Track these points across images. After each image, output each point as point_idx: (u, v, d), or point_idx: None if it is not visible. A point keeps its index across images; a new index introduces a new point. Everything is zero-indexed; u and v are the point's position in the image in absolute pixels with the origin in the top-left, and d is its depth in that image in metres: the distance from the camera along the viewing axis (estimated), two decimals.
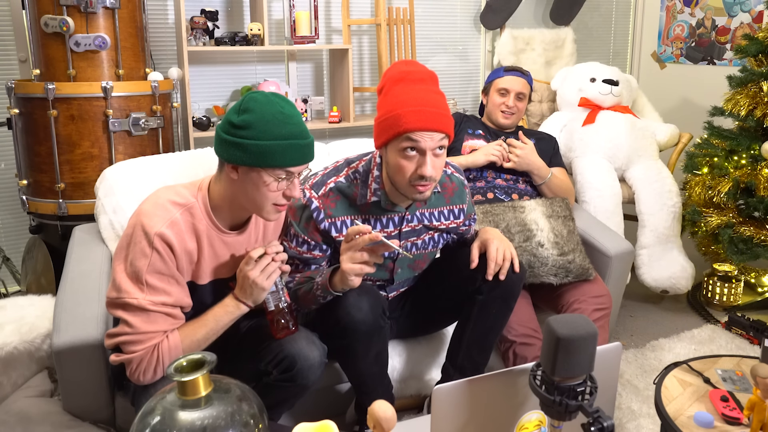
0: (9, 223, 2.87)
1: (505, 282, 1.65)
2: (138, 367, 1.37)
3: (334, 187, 1.60)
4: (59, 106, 2.26)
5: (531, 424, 1.10)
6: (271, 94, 1.38)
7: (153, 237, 1.34)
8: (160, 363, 1.37)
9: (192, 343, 1.41)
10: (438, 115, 1.46)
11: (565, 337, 0.96)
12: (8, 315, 1.90)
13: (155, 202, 1.40)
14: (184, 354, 1.36)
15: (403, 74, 1.51)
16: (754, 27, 3.51)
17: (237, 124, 1.34)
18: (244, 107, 1.35)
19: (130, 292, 1.34)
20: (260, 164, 1.34)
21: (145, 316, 1.35)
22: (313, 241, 1.61)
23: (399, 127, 1.45)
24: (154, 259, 1.34)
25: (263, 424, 1.03)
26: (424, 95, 1.48)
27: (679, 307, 2.84)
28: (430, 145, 1.47)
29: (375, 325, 1.53)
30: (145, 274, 1.34)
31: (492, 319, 1.71)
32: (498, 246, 1.65)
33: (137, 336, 1.35)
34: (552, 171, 2.34)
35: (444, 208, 1.73)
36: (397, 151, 1.49)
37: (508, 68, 2.47)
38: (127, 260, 1.36)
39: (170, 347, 1.38)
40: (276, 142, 1.33)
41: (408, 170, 1.49)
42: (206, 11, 2.82)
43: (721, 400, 1.52)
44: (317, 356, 1.48)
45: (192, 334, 1.42)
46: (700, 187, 2.74)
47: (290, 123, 1.35)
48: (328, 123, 3.09)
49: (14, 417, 1.64)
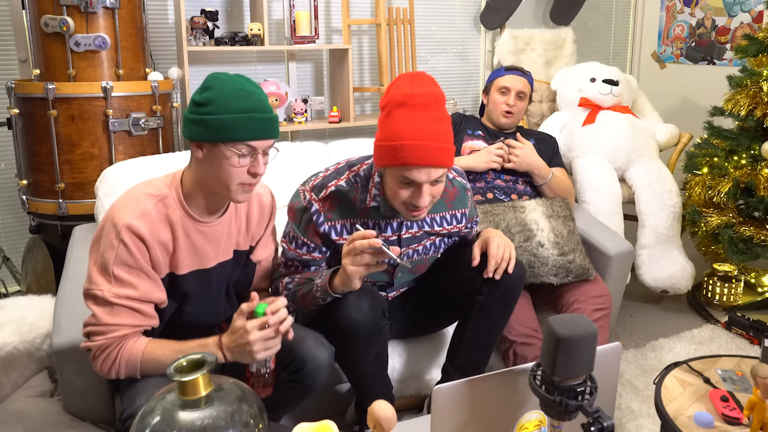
0: (9, 223, 2.87)
1: (506, 283, 1.65)
2: (98, 356, 1.38)
3: (335, 190, 1.59)
4: (59, 106, 2.26)
5: (531, 424, 1.10)
6: (235, 74, 1.40)
7: (121, 229, 1.34)
8: (116, 363, 1.37)
9: (153, 361, 1.38)
10: (437, 149, 1.41)
11: (565, 337, 0.96)
12: (8, 315, 1.90)
13: (129, 195, 1.40)
14: (140, 367, 1.38)
15: (406, 97, 1.42)
16: (754, 27, 3.51)
17: (199, 102, 1.36)
18: (205, 85, 1.37)
19: (98, 284, 1.35)
20: (221, 138, 1.34)
21: (108, 308, 1.36)
22: (313, 244, 1.61)
23: (397, 160, 1.41)
24: (121, 251, 1.34)
25: (263, 424, 1.03)
26: (426, 126, 1.41)
27: (679, 307, 2.84)
28: (426, 179, 1.44)
29: (375, 327, 1.53)
30: (113, 266, 1.35)
31: (492, 319, 1.71)
32: (499, 244, 1.64)
33: (100, 327, 1.36)
34: (552, 171, 2.34)
35: (446, 213, 1.72)
36: (393, 178, 1.47)
37: (509, 67, 2.47)
38: (98, 252, 1.37)
39: (130, 352, 1.37)
40: (236, 116, 1.34)
41: (403, 197, 1.47)
42: (206, 11, 2.81)
43: (721, 400, 1.52)
44: (326, 357, 1.48)
45: (158, 352, 1.39)
46: (700, 187, 2.73)
47: (251, 98, 1.36)
48: (328, 123, 3.09)
49: (14, 417, 1.64)
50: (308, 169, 1.97)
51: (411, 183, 1.45)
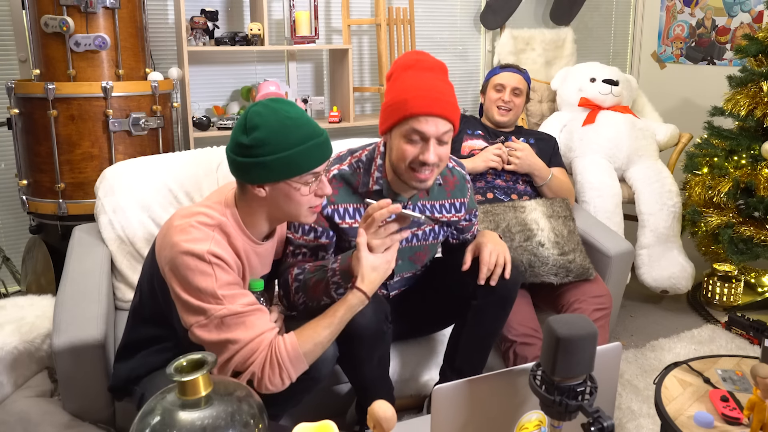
0: (9, 223, 2.87)
1: (501, 288, 1.63)
2: (263, 376, 1.30)
3: (338, 174, 1.61)
4: (59, 106, 2.26)
5: (531, 424, 1.10)
6: (270, 101, 1.35)
7: (206, 255, 1.28)
8: (284, 369, 1.31)
9: (313, 345, 1.34)
10: (444, 102, 1.47)
11: (565, 337, 0.96)
12: (8, 315, 1.90)
13: (185, 229, 1.31)
14: (306, 357, 1.33)
15: (413, 62, 1.52)
16: (754, 27, 3.51)
17: (250, 144, 1.30)
18: (250, 125, 1.30)
19: (214, 308, 1.27)
20: (287, 176, 1.32)
21: (241, 326, 1.29)
22: (320, 228, 1.59)
23: (404, 111, 1.46)
24: (218, 273, 1.29)
25: (263, 424, 1.03)
26: (433, 82, 1.48)
27: (679, 307, 2.84)
28: (433, 132, 1.47)
29: (378, 331, 1.52)
30: (217, 289, 1.28)
31: (488, 323, 1.70)
32: (492, 250, 1.63)
33: (247, 347, 1.29)
34: (552, 171, 2.34)
35: (445, 201, 1.73)
36: (401, 136, 1.50)
37: (504, 65, 2.48)
38: (192, 287, 1.28)
39: (287, 351, 1.31)
40: (296, 150, 1.31)
41: (410, 155, 1.49)
42: (206, 11, 2.82)
43: (721, 400, 1.52)
44: (330, 350, 1.46)
45: (308, 333, 1.35)
46: (700, 187, 2.73)
47: (302, 126, 1.33)
48: (329, 123, 3.09)
49: (14, 417, 1.64)
50: None
51: (418, 137, 1.48)
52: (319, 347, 1.36)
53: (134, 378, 1.50)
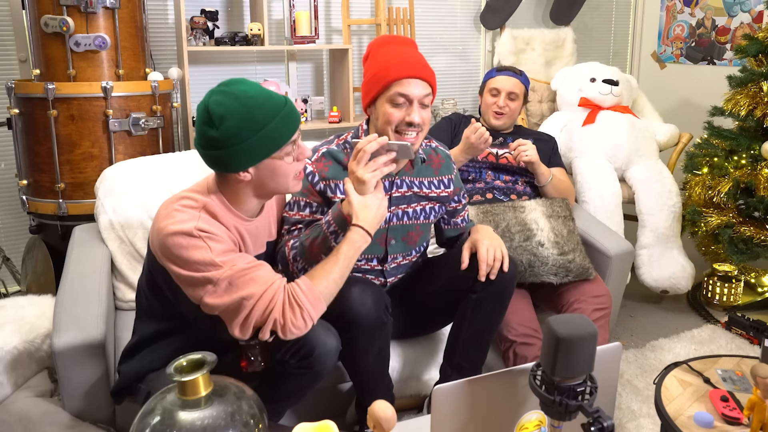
0: (9, 223, 2.87)
1: (498, 281, 1.67)
2: (286, 322, 1.30)
3: (326, 152, 1.68)
4: (59, 106, 2.26)
5: (531, 424, 1.10)
6: (223, 86, 1.33)
7: (193, 231, 1.28)
8: (304, 310, 1.31)
9: (329, 283, 1.36)
10: (423, 66, 1.60)
11: (565, 337, 0.96)
12: (8, 315, 1.90)
13: (170, 214, 1.32)
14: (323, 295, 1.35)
15: (386, 40, 1.67)
16: (754, 27, 3.51)
17: (222, 137, 1.30)
18: (216, 117, 1.29)
19: (217, 273, 1.27)
20: (268, 154, 1.34)
21: (251, 280, 1.29)
22: (315, 203, 1.65)
23: (388, 77, 1.56)
24: (211, 244, 1.29)
25: (263, 424, 1.03)
26: (409, 52, 1.62)
27: (679, 307, 2.84)
28: (416, 93, 1.57)
29: (378, 320, 1.54)
30: (215, 257, 1.28)
31: (487, 317, 1.72)
32: (488, 246, 1.67)
33: (263, 297, 1.29)
34: (552, 172, 2.33)
35: (434, 179, 1.78)
36: (386, 102, 1.59)
37: (500, 68, 2.47)
38: (190, 263, 1.29)
39: (303, 291, 1.32)
40: (269, 127, 1.32)
41: (396, 118, 1.58)
42: (206, 11, 2.82)
43: (721, 400, 1.52)
44: (334, 343, 1.47)
45: (323, 274, 1.36)
46: (700, 187, 2.73)
47: (266, 102, 1.33)
48: (328, 123, 3.09)
49: (14, 417, 1.64)
50: None
51: (403, 99, 1.57)
52: (332, 284, 1.38)
53: (143, 374, 1.50)
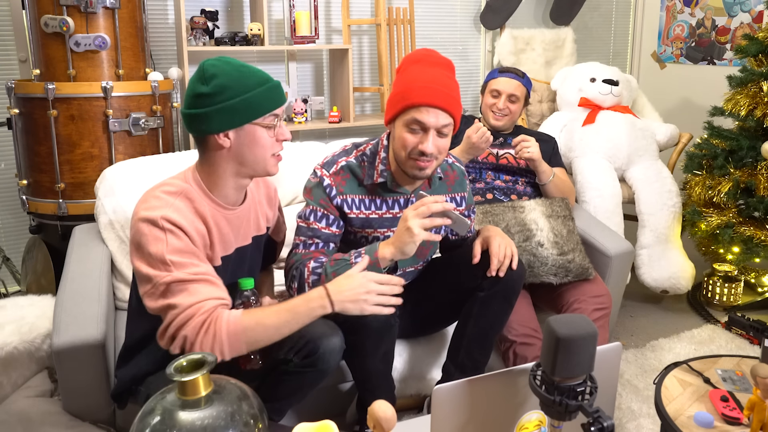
0: (9, 223, 2.87)
1: (506, 279, 1.67)
2: (195, 341, 1.27)
3: (345, 165, 1.66)
4: (59, 106, 2.26)
5: (531, 424, 1.10)
6: (221, 56, 1.38)
7: (159, 221, 1.29)
8: (217, 339, 1.28)
9: (257, 326, 1.30)
10: (446, 95, 1.52)
11: (565, 337, 0.96)
12: (8, 315, 1.90)
13: (148, 197, 1.35)
14: (246, 336, 1.29)
15: (421, 56, 1.59)
16: (754, 27, 3.51)
17: (211, 92, 1.32)
18: (208, 75, 1.32)
19: (160, 275, 1.27)
20: (252, 117, 1.35)
21: (184, 291, 1.27)
22: (332, 215, 1.64)
23: (407, 101, 1.52)
24: (170, 239, 1.29)
25: (263, 424, 1.03)
26: (437, 76, 1.53)
27: (679, 307, 2.84)
28: (433, 123, 1.52)
29: (386, 324, 1.54)
30: (167, 255, 1.28)
31: (493, 315, 1.72)
32: (500, 242, 1.68)
33: (185, 312, 1.26)
34: (553, 171, 2.33)
35: (446, 196, 1.77)
36: (402, 125, 1.56)
37: (503, 69, 2.46)
38: (144, 254, 1.30)
39: (228, 322, 1.28)
40: (257, 91, 1.34)
41: (410, 144, 1.55)
42: (206, 11, 2.81)
43: (721, 400, 1.52)
44: (338, 341, 1.47)
45: (258, 314, 1.32)
46: (700, 187, 2.74)
47: (256, 71, 1.37)
48: (328, 123, 3.09)
49: (14, 417, 1.64)
50: (308, 169, 1.97)
51: (419, 127, 1.53)
52: (261, 329, 1.31)
53: (140, 377, 1.50)
